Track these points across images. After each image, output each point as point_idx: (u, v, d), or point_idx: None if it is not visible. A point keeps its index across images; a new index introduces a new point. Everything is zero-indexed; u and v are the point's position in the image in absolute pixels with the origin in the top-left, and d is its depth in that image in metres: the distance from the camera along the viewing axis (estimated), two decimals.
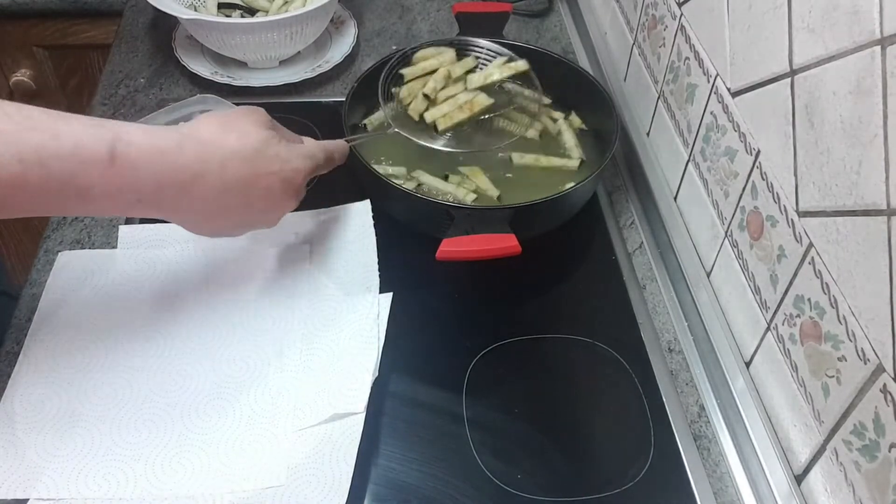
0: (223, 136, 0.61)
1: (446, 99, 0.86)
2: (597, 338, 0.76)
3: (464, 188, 0.84)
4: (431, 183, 0.85)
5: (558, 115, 0.94)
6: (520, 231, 0.73)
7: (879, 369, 0.51)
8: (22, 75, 1.30)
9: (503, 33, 0.98)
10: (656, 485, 0.66)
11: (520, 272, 0.82)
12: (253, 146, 0.62)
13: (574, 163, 0.87)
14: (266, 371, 0.70)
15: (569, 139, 0.91)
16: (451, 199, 0.83)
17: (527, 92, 0.88)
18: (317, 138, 0.97)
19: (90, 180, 0.54)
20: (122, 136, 0.55)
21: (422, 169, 0.86)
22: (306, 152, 0.67)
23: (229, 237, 0.68)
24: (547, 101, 0.94)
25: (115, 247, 0.79)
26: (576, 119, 0.94)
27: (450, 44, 0.92)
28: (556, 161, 0.87)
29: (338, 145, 0.74)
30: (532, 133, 0.90)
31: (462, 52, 0.91)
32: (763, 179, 0.66)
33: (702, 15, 0.76)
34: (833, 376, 0.57)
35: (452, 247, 0.72)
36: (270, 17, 0.97)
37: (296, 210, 0.81)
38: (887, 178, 0.49)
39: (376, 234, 0.77)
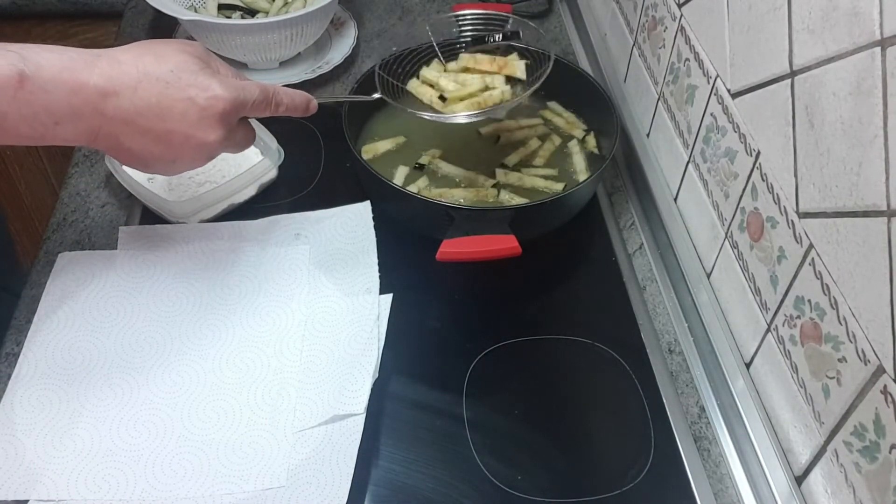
0: (139, 57, 0.60)
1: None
2: (597, 339, 0.76)
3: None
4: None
5: (578, 132, 0.92)
6: (520, 232, 0.73)
7: (880, 370, 0.51)
8: None
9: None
10: (656, 486, 0.66)
11: (520, 273, 0.82)
12: (168, 69, 0.60)
13: (558, 185, 0.85)
14: (266, 372, 0.70)
15: (579, 162, 0.89)
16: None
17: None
18: (317, 139, 0.98)
19: (2, 107, 0.54)
20: (31, 57, 0.54)
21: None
22: (234, 84, 0.63)
23: (165, 175, 0.66)
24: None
25: (115, 248, 0.79)
26: (591, 140, 0.92)
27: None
28: (539, 182, 0.85)
29: (289, 94, 0.68)
30: (514, 158, 0.88)
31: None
32: (763, 180, 0.66)
33: (702, 16, 0.76)
34: (833, 377, 0.57)
35: (453, 248, 0.72)
36: (270, 19, 0.97)
37: (296, 210, 0.82)
38: (887, 178, 0.49)
39: (376, 235, 0.77)
